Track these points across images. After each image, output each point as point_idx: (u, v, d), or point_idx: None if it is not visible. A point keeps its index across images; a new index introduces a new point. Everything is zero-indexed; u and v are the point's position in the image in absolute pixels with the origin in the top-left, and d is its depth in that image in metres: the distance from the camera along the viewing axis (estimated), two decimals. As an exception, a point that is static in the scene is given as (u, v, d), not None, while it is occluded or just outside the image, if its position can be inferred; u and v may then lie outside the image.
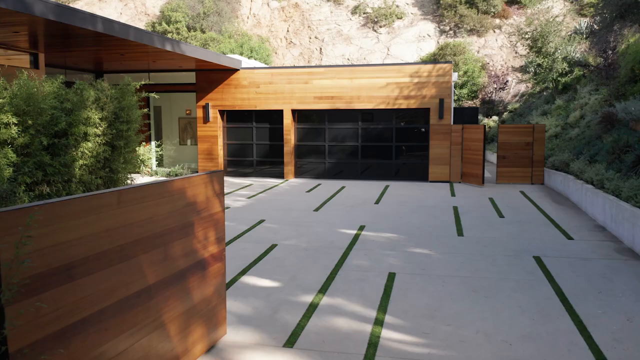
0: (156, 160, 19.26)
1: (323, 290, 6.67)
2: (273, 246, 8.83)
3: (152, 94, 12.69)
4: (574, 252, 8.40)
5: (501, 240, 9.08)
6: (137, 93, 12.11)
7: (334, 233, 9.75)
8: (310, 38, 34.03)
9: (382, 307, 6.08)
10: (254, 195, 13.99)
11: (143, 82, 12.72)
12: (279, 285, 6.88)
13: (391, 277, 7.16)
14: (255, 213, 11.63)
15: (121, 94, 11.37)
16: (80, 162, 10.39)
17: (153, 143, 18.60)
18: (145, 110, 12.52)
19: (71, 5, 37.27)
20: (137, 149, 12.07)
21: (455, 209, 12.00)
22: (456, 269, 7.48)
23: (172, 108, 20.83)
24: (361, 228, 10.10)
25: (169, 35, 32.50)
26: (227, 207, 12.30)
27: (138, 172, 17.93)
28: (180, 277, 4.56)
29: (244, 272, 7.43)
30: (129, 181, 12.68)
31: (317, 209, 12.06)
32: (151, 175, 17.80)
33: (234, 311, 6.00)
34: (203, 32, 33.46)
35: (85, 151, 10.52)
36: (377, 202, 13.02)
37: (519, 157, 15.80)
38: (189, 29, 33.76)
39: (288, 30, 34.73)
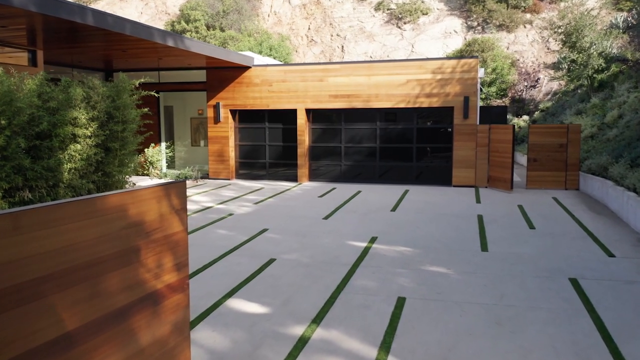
0: (167, 162, 18.53)
1: (318, 319, 5.68)
2: (271, 261, 7.87)
3: (153, 93, 11.88)
4: (617, 272, 7.22)
5: (531, 257, 7.94)
6: (136, 91, 11.32)
7: (341, 246, 8.74)
8: (332, 35, 33.04)
9: (386, 344, 5.05)
10: (261, 201, 13.07)
11: (143, 80, 11.93)
12: (268, 311, 5.91)
13: (400, 302, 6.12)
14: (259, 221, 10.70)
15: (116, 92, 10.58)
16: (69, 165, 9.61)
17: (163, 144, 17.88)
18: (145, 109, 11.70)
19: (92, 5, 37.10)
20: (134, 150, 11.27)
21: (480, 218, 10.86)
22: (477, 294, 6.39)
23: (185, 108, 20.11)
24: (372, 240, 9.07)
25: (188, 34, 31.91)
26: (231, 214, 11.41)
27: (147, 175, 17.24)
28: (119, 316, 3.62)
29: (231, 293, 6.49)
30: (127, 185, 11.91)
31: (327, 217, 11.07)
32: (160, 178, 17.08)
33: (209, 345, 5.06)
34: (222, 30, 32.78)
35: (74, 154, 9.74)
36: (394, 209, 11.95)
37: (552, 160, 14.51)
38: (208, 27, 33.13)
39: (309, 28, 33.81)
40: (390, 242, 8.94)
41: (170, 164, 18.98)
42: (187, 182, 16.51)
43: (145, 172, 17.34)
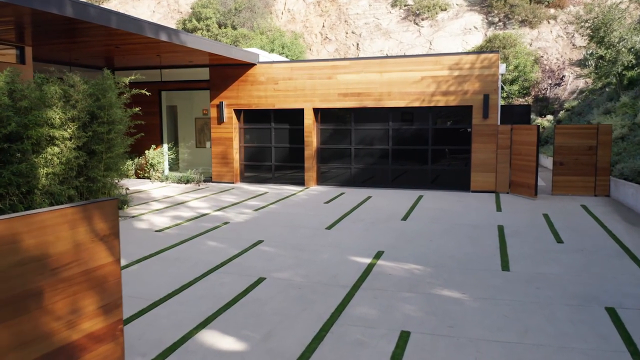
0: (170, 165, 17.72)
1: (302, 360, 4.71)
2: (260, 280, 6.92)
3: (143, 91, 11.04)
4: (664, 300, 6.10)
5: (560, 280, 6.85)
6: (124, 89, 10.51)
7: (342, 262, 7.75)
8: (346, 33, 32.02)
9: (380, 399, 4.06)
10: (262, 207, 12.13)
11: (134, 78, 11.12)
12: (244, 348, 4.96)
13: (403, 338, 5.11)
14: (255, 231, 9.76)
15: (100, 90, 9.75)
16: (45, 170, 8.80)
17: (165, 146, 17.07)
18: (136, 109, 10.88)
19: (104, 5, 36.66)
20: (123, 153, 10.45)
21: (501, 229, 9.76)
22: (497, 328, 5.34)
23: (191, 107, 19.32)
24: (378, 255, 8.06)
25: (199, 33, 31.19)
26: (226, 223, 10.49)
27: (148, 178, 16.47)
28: (6, 385, 2.70)
29: (206, 323, 5.55)
30: (117, 190, 11.09)
31: (330, 227, 10.08)
32: (162, 181, 16.27)
33: (163, 397, 4.13)
34: (234, 28, 31.98)
35: (52, 157, 8.93)
36: (405, 217, 10.91)
37: (580, 164, 13.30)
38: (219, 25, 32.36)
39: (323, 26, 32.84)
40: (398, 258, 7.92)
41: (174, 166, 18.19)
42: (189, 185, 15.67)
43: (146, 175, 16.56)
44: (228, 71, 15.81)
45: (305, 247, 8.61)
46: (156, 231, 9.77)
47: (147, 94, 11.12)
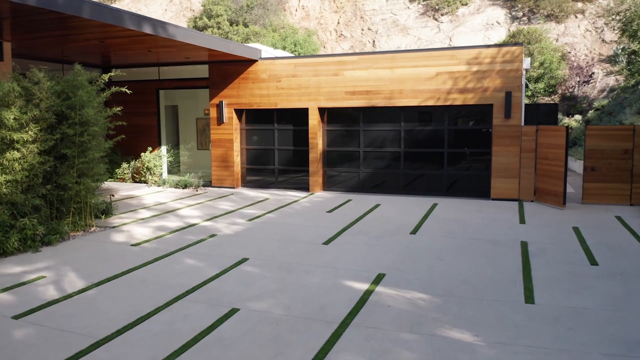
0: (169, 168, 16.74)
1: None
2: (232, 312, 5.80)
3: (124, 89, 10.02)
4: None
5: (596, 317, 5.57)
6: (97, 86, 9.50)
7: (333, 288, 6.58)
8: (362, 30, 30.78)
9: None
10: (257, 217, 11.02)
11: (113, 74, 10.12)
12: (186, 415, 3.84)
13: (393, 404, 3.93)
14: (242, 246, 8.64)
15: (70, 87, 8.75)
16: (4, 177, 7.82)
17: (164, 148, 16.08)
18: (117, 109, 9.87)
19: (114, 4, 36.06)
20: (99, 157, 9.43)
21: (524, 246, 8.47)
22: (516, 392, 4.13)
23: (193, 107, 18.34)
24: (378, 279, 6.87)
25: (209, 31, 30.29)
26: (213, 235, 9.40)
27: (145, 182, 15.52)
28: None
29: (150, 374, 4.45)
30: (96, 198, 10.08)
31: (328, 241, 8.91)
32: (159, 185, 15.28)
33: None
34: (246, 26, 31.00)
35: (12, 163, 7.94)
36: (415, 230, 9.67)
37: (614, 169, 11.90)
38: (231, 23, 31.41)
39: (339, 22, 31.66)
40: (401, 283, 6.72)
41: (174, 169, 17.21)
42: (186, 190, 14.65)
43: (142, 178, 15.61)
44: (228, 68, 14.76)
45: (294, 267, 7.46)
46: (132, 245, 8.72)
47: (128, 92, 10.09)
